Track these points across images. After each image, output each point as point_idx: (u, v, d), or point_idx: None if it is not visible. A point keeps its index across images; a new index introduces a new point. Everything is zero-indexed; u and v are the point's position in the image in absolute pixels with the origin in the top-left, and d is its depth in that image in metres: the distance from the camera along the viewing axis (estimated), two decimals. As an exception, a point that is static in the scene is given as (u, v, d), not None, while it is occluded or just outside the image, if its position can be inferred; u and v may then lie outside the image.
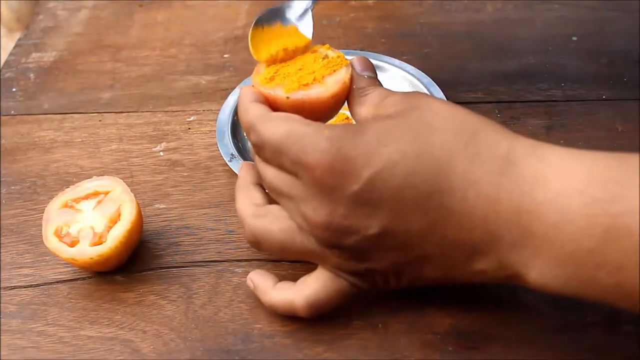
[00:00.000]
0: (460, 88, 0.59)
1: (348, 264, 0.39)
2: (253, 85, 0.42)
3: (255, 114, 0.39)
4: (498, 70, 0.61)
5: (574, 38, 0.65)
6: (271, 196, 0.41)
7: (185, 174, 0.54)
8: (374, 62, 0.58)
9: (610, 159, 0.34)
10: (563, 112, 0.57)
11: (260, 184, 0.42)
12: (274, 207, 0.40)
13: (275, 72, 0.42)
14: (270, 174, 0.39)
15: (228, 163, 0.51)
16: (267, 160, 0.39)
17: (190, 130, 0.58)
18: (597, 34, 0.65)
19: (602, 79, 0.60)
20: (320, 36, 0.67)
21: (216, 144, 0.54)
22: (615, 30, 0.65)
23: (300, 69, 0.42)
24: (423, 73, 0.57)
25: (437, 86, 0.55)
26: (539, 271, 0.34)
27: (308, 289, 0.40)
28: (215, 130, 0.55)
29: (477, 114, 0.38)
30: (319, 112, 0.41)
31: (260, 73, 0.43)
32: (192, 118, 0.59)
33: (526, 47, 0.64)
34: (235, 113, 0.55)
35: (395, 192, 0.35)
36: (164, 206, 0.51)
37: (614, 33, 0.65)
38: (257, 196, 0.42)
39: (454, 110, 0.37)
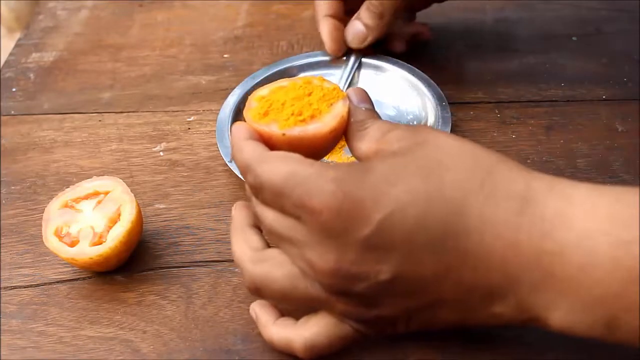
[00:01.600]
0: (460, 88, 0.59)
1: (356, 311, 0.36)
2: (246, 121, 0.40)
3: (251, 154, 0.37)
4: (498, 70, 0.61)
5: (574, 38, 0.65)
6: (270, 240, 0.39)
7: (185, 174, 0.54)
8: (373, 62, 0.58)
9: (632, 195, 0.32)
10: (563, 112, 0.57)
11: (257, 225, 0.40)
12: (274, 251, 0.38)
13: (269, 107, 0.40)
14: (270, 217, 0.37)
15: (228, 164, 0.51)
16: (266, 203, 0.37)
17: (190, 130, 0.58)
18: (597, 34, 0.65)
19: (602, 79, 0.60)
20: (319, 37, 0.66)
21: (216, 144, 0.54)
22: (615, 30, 0.65)
23: (293, 104, 0.39)
24: (423, 73, 0.57)
25: (436, 86, 0.55)
26: (563, 315, 0.33)
27: (308, 331, 0.38)
28: (215, 130, 0.55)
29: (488, 149, 0.36)
30: (317, 148, 0.39)
31: (253, 108, 0.40)
32: (192, 118, 0.59)
33: (526, 47, 0.64)
34: (234, 115, 0.55)
35: (407, 235, 0.33)
36: (164, 206, 0.51)
37: (614, 33, 0.65)
38: (254, 239, 0.39)
39: (463, 146, 0.36)
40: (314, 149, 0.39)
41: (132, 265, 0.47)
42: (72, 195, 0.47)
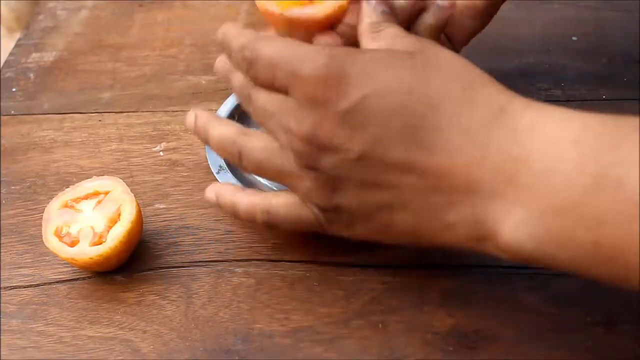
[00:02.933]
0: (460, 88, 0.59)
1: (319, 194, 0.38)
2: None
3: (250, 35, 0.39)
4: (498, 70, 0.61)
5: (574, 38, 0.65)
6: (259, 123, 0.41)
7: (185, 174, 0.54)
8: None
9: (606, 116, 0.33)
10: (563, 112, 0.57)
11: None
12: (258, 130, 0.41)
13: None
14: (262, 96, 0.39)
15: (216, 175, 0.50)
16: (256, 78, 0.39)
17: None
18: (597, 34, 0.65)
19: (602, 79, 0.60)
20: (320, 36, 0.67)
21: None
22: (615, 30, 0.65)
23: None
24: None
25: None
26: (514, 226, 0.33)
27: (274, 199, 0.41)
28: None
29: (483, 71, 0.38)
30: (312, 32, 0.41)
31: None
32: (192, 118, 0.59)
33: (526, 47, 0.64)
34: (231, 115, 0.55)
35: (383, 119, 0.35)
36: (164, 206, 0.51)
37: (614, 33, 0.65)
38: (235, 124, 0.42)
39: (461, 60, 0.38)
40: (310, 34, 0.40)
41: (132, 265, 0.47)
42: (72, 195, 0.47)
